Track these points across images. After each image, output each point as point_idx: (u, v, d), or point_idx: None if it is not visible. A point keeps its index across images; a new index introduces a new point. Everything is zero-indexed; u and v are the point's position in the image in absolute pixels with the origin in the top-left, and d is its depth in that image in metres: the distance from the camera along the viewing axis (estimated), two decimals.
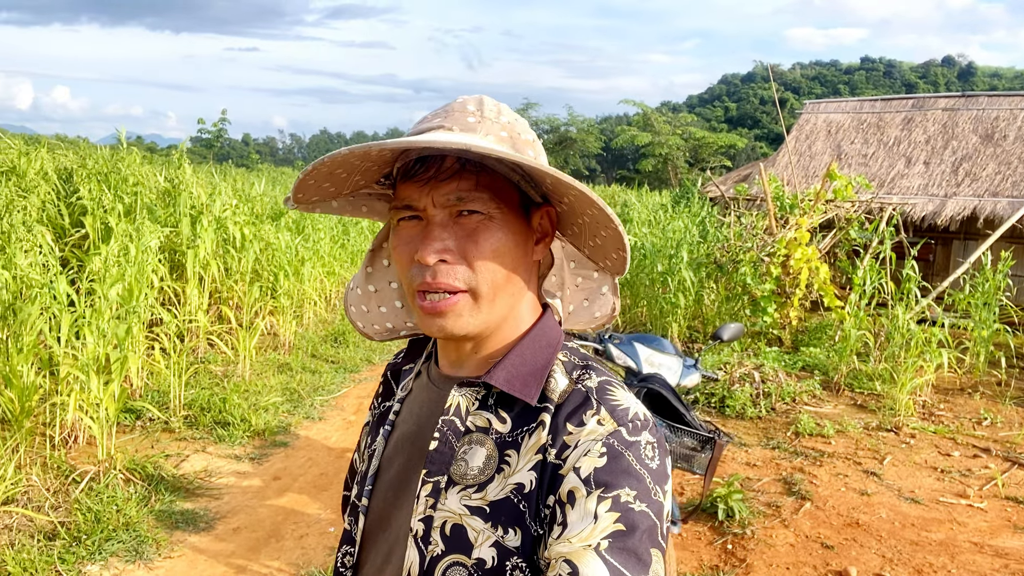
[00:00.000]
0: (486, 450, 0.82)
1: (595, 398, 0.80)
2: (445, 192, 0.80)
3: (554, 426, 0.79)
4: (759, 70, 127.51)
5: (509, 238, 0.83)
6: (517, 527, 0.77)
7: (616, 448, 0.76)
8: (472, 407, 0.85)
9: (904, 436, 5.32)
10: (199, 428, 4.89)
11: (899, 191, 10.94)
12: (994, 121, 11.37)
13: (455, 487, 0.82)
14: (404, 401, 0.97)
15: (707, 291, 8.19)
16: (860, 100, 13.50)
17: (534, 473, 0.78)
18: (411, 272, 0.82)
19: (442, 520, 0.81)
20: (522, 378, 0.83)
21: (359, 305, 1.05)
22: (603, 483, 0.73)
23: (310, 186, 0.85)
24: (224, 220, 7.09)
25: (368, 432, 1.02)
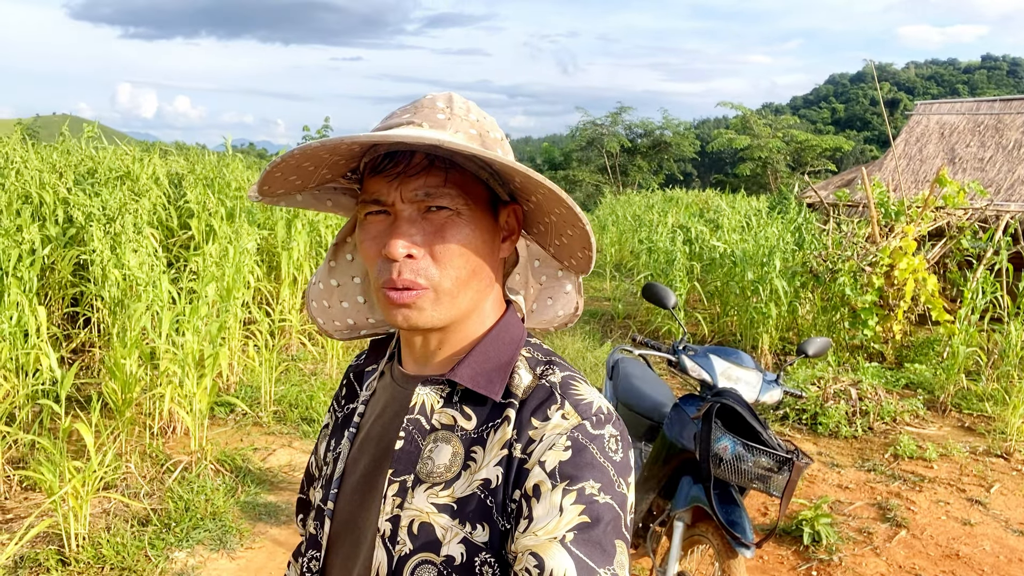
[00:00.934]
0: (452, 447, 0.82)
1: (559, 393, 0.81)
2: (413, 188, 0.80)
3: (519, 421, 0.80)
4: (869, 69, 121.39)
5: (476, 235, 0.83)
6: (485, 523, 0.78)
7: (580, 441, 0.77)
8: (437, 405, 0.85)
9: (1016, 463, 4.91)
10: (287, 423, 5.08)
11: (1018, 198, 10.14)
12: None
13: (422, 485, 0.82)
14: (368, 402, 0.97)
15: (802, 302, 7.83)
16: (977, 101, 12.61)
17: (500, 468, 0.79)
18: (377, 266, 0.82)
19: (409, 519, 0.81)
20: (486, 374, 0.83)
21: (320, 300, 1.04)
22: (568, 476, 0.74)
23: (276, 179, 0.84)
24: (316, 224, 7.34)
25: (330, 435, 1.01)
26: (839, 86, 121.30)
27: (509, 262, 0.96)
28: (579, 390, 0.82)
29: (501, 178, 0.86)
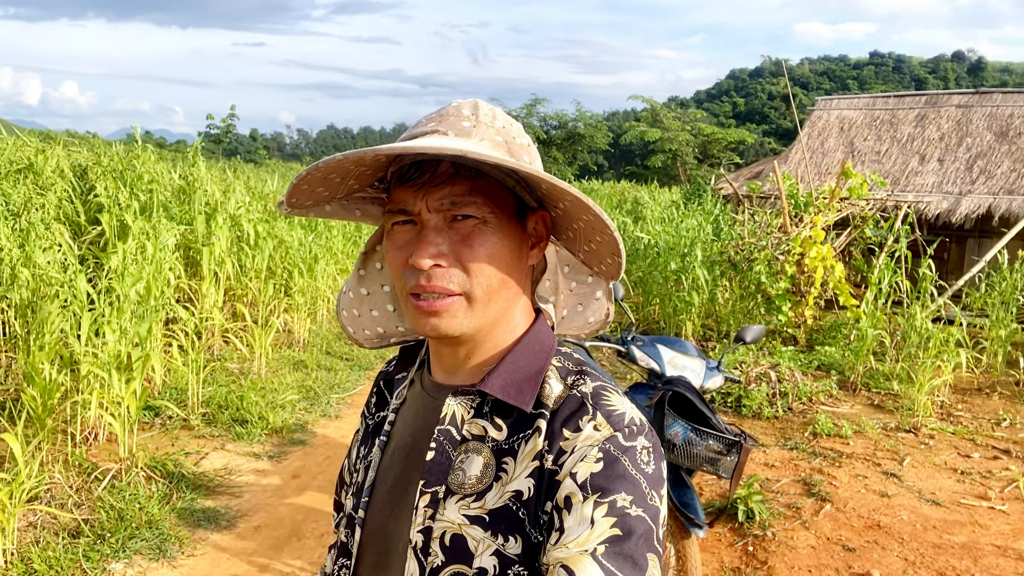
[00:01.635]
0: (483, 458, 0.82)
1: (591, 403, 0.80)
2: (439, 196, 0.80)
3: (550, 432, 0.79)
4: (767, 65, 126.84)
5: (503, 243, 0.83)
6: (517, 535, 0.77)
7: (612, 453, 0.76)
8: (467, 415, 0.85)
9: (923, 437, 5.30)
10: (217, 426, 4.91)
11: (913, 189, 10.88)
12: (1009, 118, 11.29)
13: (453, 497, 0.81)
14: (398, 411, 0.96)
15: (721, 289, 8.16)
16: (873, 97, 13.42)
17: (532, 480, 0.78)
18: (404, 275, 0.82)
19: (441, 531, 0.80)
20: (517, 385, 0.83)
21: (350, 309, 1.04)
22: (599, 488, 0.74)
23: (304, 190, 0.85)
24: (238, 218, 7.10)
25: (361, 442, 1.01)
26: (739, 81, 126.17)
27: (538, 269, 0.96)
28: (611, 400, 0.81)
29: (528, 185, 0.86)
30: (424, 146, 0.74)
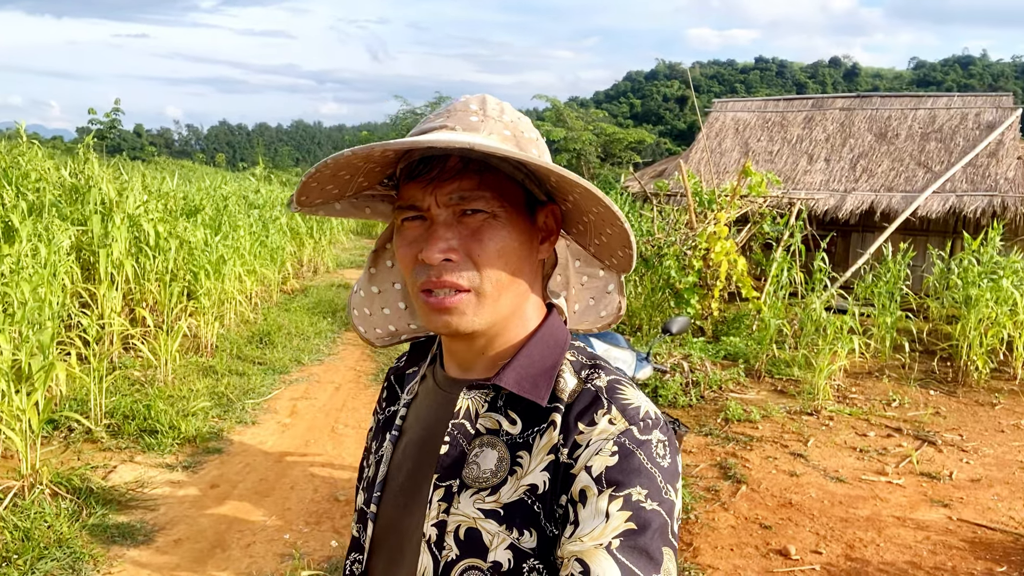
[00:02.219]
0: (497, 452, 0.82)
1: (605, 397, 0.80)
2: (448, 192, 0.80)
3: (565, 426, 0.79)
4: (661, 68, 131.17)
5: (513, 237, 0.82)
6: (532, 528, 0.77)
7: (627, 447, 0.76)
8: (481, 409, 0.85)
9: (823, 419, 5.65)
10: (124, 437, 4.65)
11: (803, 187, 11.55)
12: (887, 120, 12.17)
13: (468, 490, 0.81)
14: (410, 405, 0.96)
15: (632, 284, 8.40)
16: (764, 100, 14.14)
17: (547, 473, 0.78)
18: (415, 271, 0.82)
19: (455, 524, 0.80)
20: (531, 379, 0.82)
21: (361, 308, 1.04)
22: (614, 482, 0.73)
23: (313, 188, 0.84)
24: (137, 218, 6.72)
25: (372, 437, 1.01)
26: (636, 82, 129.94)
27: (548, 264, 0.95)
28: (626, 394, 0.81)
29: (537, 179, 0.85)
30: (432, 140, 0.74)
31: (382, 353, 7.25)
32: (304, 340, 7.62)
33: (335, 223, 14.64)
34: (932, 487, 4.44)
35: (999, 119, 11.25)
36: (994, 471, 4.72)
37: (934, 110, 12.01)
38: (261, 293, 9.28)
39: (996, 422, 5.73)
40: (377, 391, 6.10)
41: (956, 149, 11.11)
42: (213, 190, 10.59)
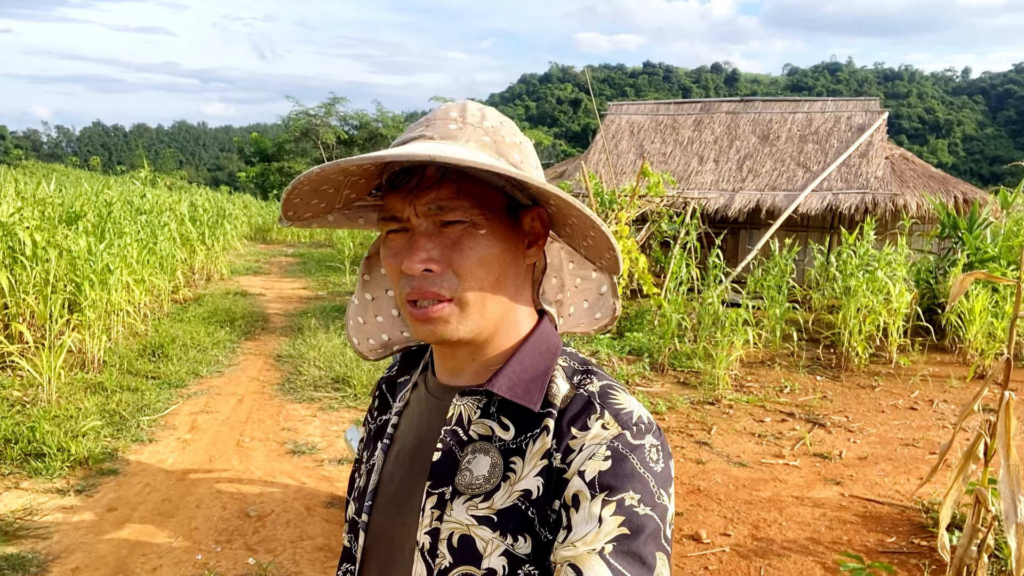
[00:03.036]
0: (490, 458, 0.81)
1: (598, 402, 0.80)
2: (426, 202, 0.80)
3: (558, 431, 0.79)
4: (555, 71, 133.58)
5: (495, 244, 0.82)
6: (527, 534, 0.77)
7: (620, 451, 0.76)
8: (474, 416, 0.85)
9: (723, 407, 5.92)
10: (7, 462, 4.30)
11: (695, 186, 12.06)
12: (768, 124, 12.89)
13: (461, 497, 0.81)
14: (402, 414, 0.96)
15: None
16: (656, 103, 14.67)
17: (540, 479, 0.78)
18: (400, 282, 0.82)
19: (449, 532, 0.80)
20: (524, 385, 0.83)
21: (356, 317, 1.03)
22: (608, 486, 0.73)
23: (297, 204, 0.83)
24: (11, 226, 6.23)
25: (364, 447, 1.00)
26: (530, 85, 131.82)
27: (539, 268, 0.94)
28: (619, 399, 0.81)
29: (519, 183, 0.84)
30: (397, 153, 0.73)
31: (287, 362, 7.03)
32: (201, 351, 7.28)
33: (228, 228, 14.09)
34: (825, 467, 4.74)
35: (868, 122, 12.14)
36: (878, 449, 5.09)
37: (810, 114, 12.83)
38: (151, 303, 8.80)
39: (877, 403, 6.19)
40: (284, 401, 5.92)
41: (831, 150, 11.90)
42: (95, 195, 9.94)
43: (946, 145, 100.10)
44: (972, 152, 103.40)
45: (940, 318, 7.97)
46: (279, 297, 10.88)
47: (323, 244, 19.52)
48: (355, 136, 32.24)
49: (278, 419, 5.51)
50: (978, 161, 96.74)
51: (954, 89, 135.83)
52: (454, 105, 0.86)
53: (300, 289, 11.68)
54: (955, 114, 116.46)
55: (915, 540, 3.77)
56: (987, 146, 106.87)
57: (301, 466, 4.63)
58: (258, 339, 8.10)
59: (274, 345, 7.77)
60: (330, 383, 6.34)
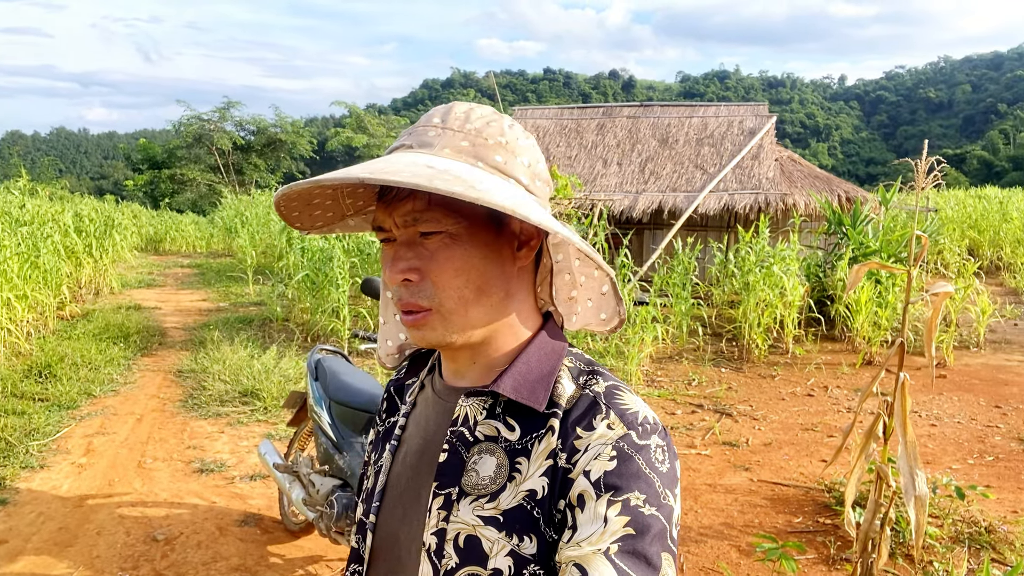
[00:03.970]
0: (496, 459, 0.82)
1: (604, 402, 0.81)
2: (403, 213, 0.80)
3: (563, 431, 0.79)
4: (457, 77, 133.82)
5: (474, 251, 0.81)
6: (532, 534, 0.77)
7: (626, 452, 0.76)
8: (480, 416, 0.85)
9: None
10: None
11: (601, 189, 12.34)
12: (667, 128, 13.35)
13: (467, 498, 0.81)
14: (409, 415, 0.96)
15: None
16: (560, 108, 14.92)
17: (545, 479, 0.78)
18: (392, 290, 0.85)
19: (455, 532, 0.80)
20: (529, 385, 0.83)
21: (379, 317, 1.07)
22: (613, 486, 0.74)
23: (296, 217, 0.87)
24: None
25: (372, 448, 1.02)
26: (433, 91, 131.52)
27: (545, 268, 0.93)
28: (624, 400, 0.81)
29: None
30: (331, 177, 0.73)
31: (189, 377, 6.71)
32: (93, 370, 6.84)
33: (117, 239, 13.30)
34: (734, 454, 4.94)
35: (759, 126, 12.77)
36: (781, 434, 5.35)
37: (705, 118, 13.37)
38: (36, 321, 8.20)
39: (777, 392, 6.50)
40: (187, 419, 5.64)
41: (726, 153, 12.45)
42: None
43: (826, 148, 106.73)
44: (849, 154, 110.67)
45: (830, 309, 8.46)
46: (177, 310, 10.37)
47: (222, 254, 18.76)
48: (253, 142, 31.21)
49: (182, 437, 5.25)
50: (855, 163, 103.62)
51: (832, 95, 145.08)
52: (439, 109, 0.85)
53: (199, 301, 11.17)
54: (833, 119, 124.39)
55: (820, 519, 3.98)
56: (862, 148, 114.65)
57: (210, 485, 4.42)
58: (155, 355, 7.69)
59: (174, 360, 7.40)
60: (237, 397, 6.09)
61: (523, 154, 0.85)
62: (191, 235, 20.62)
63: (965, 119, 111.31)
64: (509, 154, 0.83)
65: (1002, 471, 4.69)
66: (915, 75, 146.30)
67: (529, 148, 0.86)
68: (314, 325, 8.13)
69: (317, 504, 3.28)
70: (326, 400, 3.51)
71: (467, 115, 0.84)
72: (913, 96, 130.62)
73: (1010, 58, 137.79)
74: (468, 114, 0.84)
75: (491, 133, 0.83)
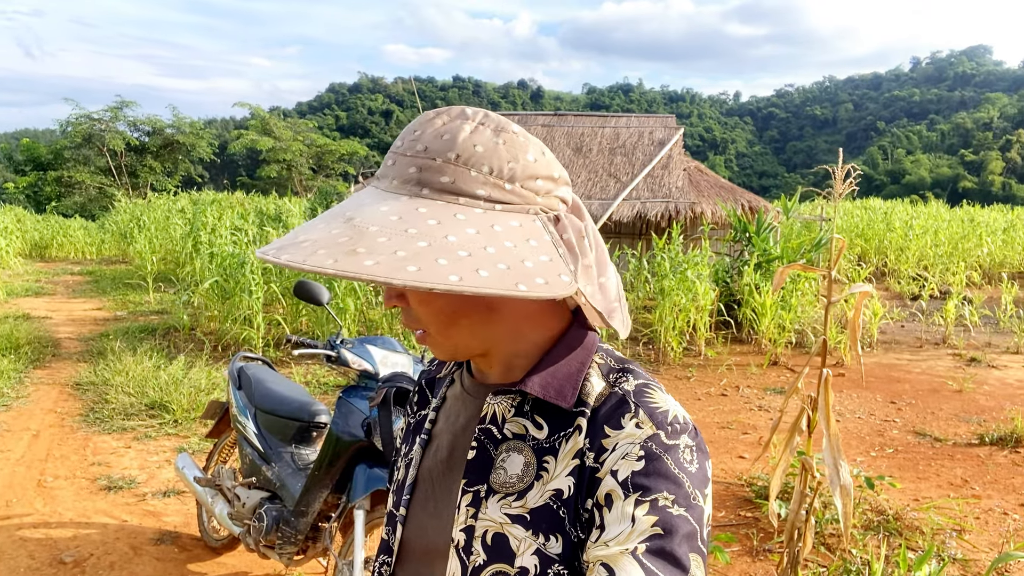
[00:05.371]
0: (524, 457, 0.81)
1: (633, 401, 0.79)
2: None
3: (591, 430, 0.79)
4: (365, 82, 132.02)
5: None
6: (558, 534, 0.77)
7: (654, 451, 0.74)
8: (508, 414, 0.84)
9: None
10: None
11: None
12: (581, 136, 13.62)
13: (495, 496, 0.81)
14: (440, 410, 0.97)
15: (372, 294, 8.34)
16: None
17: (572, 478, 0.78)
18: None
19: (483, 529, 0.80)
20: (557, 383, 0.82)
21: None
22: (641, 486, 0.72)
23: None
24: None
25: (403, 439, 1.02)
26: (340, 95, 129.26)
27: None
28: (654, 398, 0.80)
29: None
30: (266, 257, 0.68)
31: (89, 390, 6.30)
32: None
33: (2, 244, 12.35)
34: None
35: (667, 137, 13.22)
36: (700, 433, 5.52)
37: (617, 128, 13.73)
38: None
39: (693, 392, 6.73)
40: (89, 434, 5.30)
41: (637, 162, 12.82)
42: None
43: (723, 161, 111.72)
44: (744, 167, 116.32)
45: (737, 313, 8.84)
46: (70, 319, 9.72)
47: (116, 260, 17.73)
48: (148, 143, 29.71)
49: (85, 453, 4.92)
50: (749, 175, 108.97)
51: (727, 111, 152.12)
52: (414, 122, 0.79)
53: (94, 310, 10.51)
54: (729, 133, 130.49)
55: (741, 512, 4.14)
56: (756, 162, 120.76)
57: (120, 503, 4.16)
58: (49, 367, 7.18)
59: (70, 372, 6.93)
60: (144, 410, 5.77)
61: (487, 161, 0.75)
62: (80, 241, 19.38)
63: (848, 135, 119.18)
64: (460, 169, 0.74)
65: (902, 462, 5.02)
66: (803, 93, 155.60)
67: (499, 149, 0.75)
68: (224, 334, 7.80)
69: (244, 518, 3.15)
70: (251, 409, 3.37)
71: (423, 131, 0.77)
72: (801, 113, 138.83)
73: (888, 79, 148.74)
74: (424, 130, 0.77)
75: (440, 149, 0.75)
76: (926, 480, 4.72)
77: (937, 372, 7.60)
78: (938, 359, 8.25)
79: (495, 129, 0.76)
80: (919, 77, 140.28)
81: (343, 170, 28.44)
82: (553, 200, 0.78)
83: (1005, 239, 16.08)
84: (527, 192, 0.76)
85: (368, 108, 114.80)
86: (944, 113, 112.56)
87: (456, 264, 0.66)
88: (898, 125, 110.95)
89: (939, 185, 74.87)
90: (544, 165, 0.78)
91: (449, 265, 0.66)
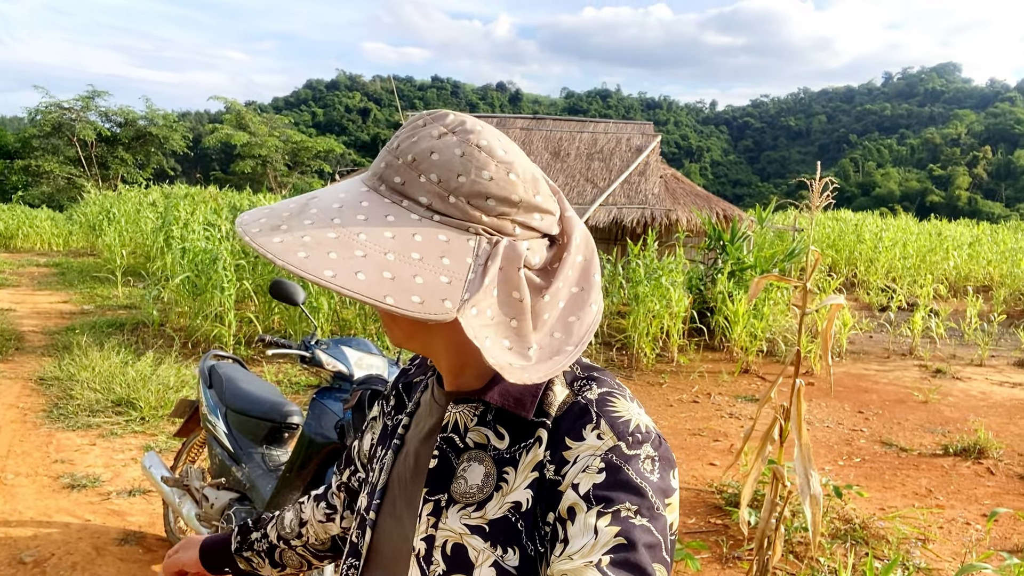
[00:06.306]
0: (484, 467, 0.81)
1: (595, 411, 0.78)
2: None
3: (552, 441, 0.77)
4: (342, 79, 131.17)
5: None
6: (515, 546, 0.76)
7: (615, 463, 0.74)
8: (471, 423, 0.84)
9: None
10: None
11: None
12: (559, 141, 13.66)
13: (455, 506, 0.80)
14: (413, 415, 0.97)
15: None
16: None
17: (531, 491, 0.77)
18: None
19: (443, 539, 0.80)
20: (517, 392, 0.80)
21: None
22: (603, 498, 0.72)
23: None
24: None
25: (378, 441, 1.01)
26: (317, 91, 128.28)
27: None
28: (617, 407, 0.78)
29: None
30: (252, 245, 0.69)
31: (53, 385, 6.16)
32: None
33: None
34: None
35: (645, 144, 13.31)
36: (671, 439, 5.56)
37: (595, 134, 13.79)
38: None
39: (665, 398, 6.77)
40: (53, 430, 5.19)
41: (614, 168, 12.89)
42: None
43: (698, 169, 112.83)
44: (719, 175, 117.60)
45: (710, 320, 8.92)
46: (34, 312, 9.51)
47: (83, 252, 17.40)
48: (120, 134, 29.21)
49: (48, 450, 4.81)
50: (723, 184, 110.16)
51: (704, 119, 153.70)
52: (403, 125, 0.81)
53: (60, 303, 10.30)
54: (705, 141, 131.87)
55: (712, 519, 4.17)
56: (730, 170, 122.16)
57: (83, 502, 4.07)
58: (12, 361, 7.01)
59: (34, 367, 6.77)
60: (110, 407, 5.66)
61: (437, 170, 0.73)
62: (47, 232, 18.98)
63: (821, 147, 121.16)
64: (412, 173, 0.73)
65: (868, 471, 5.10)
66: (777, 104, 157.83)
67: (453, 160, 0.73)
68: (195, 330, 7.68)
69: (212, 519, 3.09)
70: (222, 408, 3.32)
71: (405, 130, 0.78)
72: (775, 124, 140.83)
73: (860, 92, 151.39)
74: (407, 129, 0.78)
75: (404, 150, 0.75)
76: (892, 489, 4.79)
77: (904, 383, 7.74)
78: (905, 370, 8.40)
79: (461, 140, 0.73)
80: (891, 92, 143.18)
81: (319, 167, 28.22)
82: (507, 223, 0.73)
83: (971, 253, 16.45)
84: (471, 210, 0.72)
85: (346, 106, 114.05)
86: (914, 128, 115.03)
87: (342, 261, 0.66)
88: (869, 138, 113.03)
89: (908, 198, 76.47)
90: (503, 186, 0.73)
91: (336, 260, 0.66)
